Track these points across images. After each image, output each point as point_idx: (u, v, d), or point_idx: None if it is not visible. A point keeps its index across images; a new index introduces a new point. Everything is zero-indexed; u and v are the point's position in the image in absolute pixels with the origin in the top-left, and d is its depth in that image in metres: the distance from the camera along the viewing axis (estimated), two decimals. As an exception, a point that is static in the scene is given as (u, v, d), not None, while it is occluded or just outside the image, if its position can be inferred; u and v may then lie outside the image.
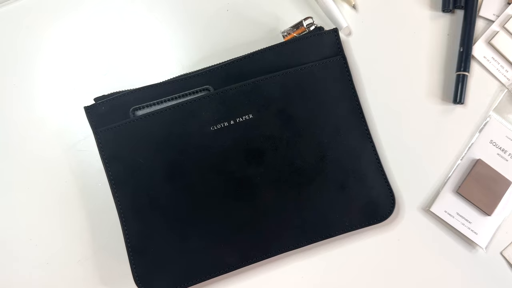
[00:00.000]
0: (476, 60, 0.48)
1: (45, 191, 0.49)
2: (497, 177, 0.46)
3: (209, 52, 0.50)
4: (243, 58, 0.46)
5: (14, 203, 0.49)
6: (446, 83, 0.48)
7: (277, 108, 0.45)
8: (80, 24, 0.51)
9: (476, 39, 0.48)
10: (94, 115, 0.46)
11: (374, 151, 0.46)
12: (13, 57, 0.51)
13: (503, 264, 0.46)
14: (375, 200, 0.45)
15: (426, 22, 0.49)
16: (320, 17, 0.50)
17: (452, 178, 0.46)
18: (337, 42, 0.46)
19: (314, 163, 0.45)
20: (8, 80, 0.51)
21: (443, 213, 0.46)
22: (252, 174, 0.45)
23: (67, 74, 0.51)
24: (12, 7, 0.52)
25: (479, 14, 0.48)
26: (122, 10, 0.51)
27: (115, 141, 0.45)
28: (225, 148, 0.45)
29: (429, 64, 0.48)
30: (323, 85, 0.45)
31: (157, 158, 0.45)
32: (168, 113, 0.45)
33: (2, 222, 0.49)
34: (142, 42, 0.51)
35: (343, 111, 0.46)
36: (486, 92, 0.48)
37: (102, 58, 0.51)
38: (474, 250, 0.46)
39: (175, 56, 0.50)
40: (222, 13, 0.50)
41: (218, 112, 0.45)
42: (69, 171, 0.49)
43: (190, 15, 0.51)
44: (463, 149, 0.47)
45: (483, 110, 0.47)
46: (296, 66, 0.45)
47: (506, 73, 0.48)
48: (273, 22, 0.50)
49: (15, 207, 0.49)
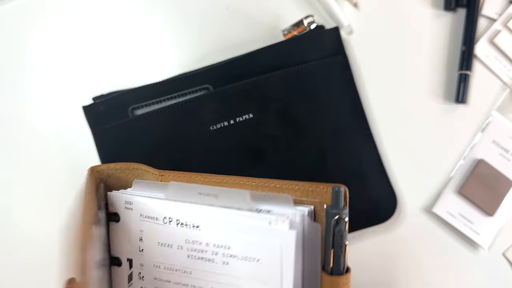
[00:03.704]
0: (478, 59, 0.48)
1: (43, 191, 0.49)
2: (499, 177, 0.45)
3: (208, 50, 0.50)
4: (243, 57, 0.45)
5: (12, 203, 0.49)
6: (448, 82, 0.48)
7: (277, 108, 0.44)
8: (78, 23, 0.51)
9: (478, 38, 0.48)
10: (93, 114, 0.46)
11: (375, 151, 0.45)
12: (11, 56, 0.51)
13: (506, 265, 0.46)
14: (377, 201, 0.45)
15: (428, 21, 0.48)
16: (321, 15, 0.49)
17: (454, 179, 0.46)
18: (338, 40, 0.46)
19: (315, 163, 0.44)
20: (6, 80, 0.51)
21: (445, 214, 0.45)
22: (251, 174, 0.44)
23: (65, 73, 0.50)
24: (12, 6, 0.51)
25: (481, 12, 0.48)
26: (122, 9, 0.51)
27: (114, 141, 0.45)
28: (224, 147, 0.44)
29: (431, 63, 0.48)
30: (324, 84, 0.45)
31: (156, 158, 0.44)
32: (167, 113, 0.44)
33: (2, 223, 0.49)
34: (141, 40, 0.50)
35: (344, 111, 0.45)
36: (488, 91, 0.47)
37: (101, 56, 0.50)
38: (476, 250, 0.46)
39: (174, 54, 0.50)
40: (222, 11, 0.50)
41: (217, 112, 0.44)
42: (67, 171, 0.49)
43: (189, 13, 0.50)
44: (465, 149, 0.47)
45: (485, 109, 0.47)
46: (296, 65, 0.45)
47: (508, 72, 0.47)
48: (273, 21, 0.49)
49: (12, 207, 0.49)
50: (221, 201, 0.37)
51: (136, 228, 0.39)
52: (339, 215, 0.34)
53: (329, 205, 0.36)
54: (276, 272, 0.35)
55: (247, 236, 0.35)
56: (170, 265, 0.38)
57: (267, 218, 0.35)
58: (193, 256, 0.37)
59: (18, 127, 0.50)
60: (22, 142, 0.50)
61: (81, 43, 0.51)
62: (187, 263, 0.38)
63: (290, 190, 0.37)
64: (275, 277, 0.35)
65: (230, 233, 0.36)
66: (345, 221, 0.35)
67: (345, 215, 0.35)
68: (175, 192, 0.38)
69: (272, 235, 0.34)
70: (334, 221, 0.35)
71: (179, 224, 0.38)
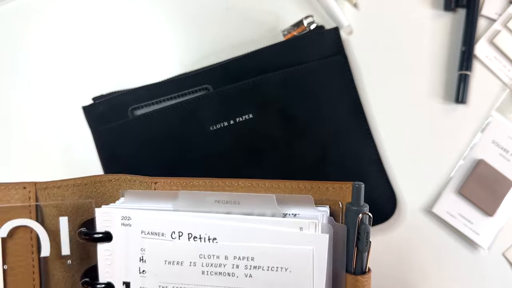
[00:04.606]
0: (478, 59, 0.48)
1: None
2: (499, 177, 0.45)
3: (208, 51, 0.50)
4: (242, 57, 0.45)
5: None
6: (448, 82, 0.47)
7: (277, 108, 0.44)
8: (78, 23, 0.51)
9: (478, 38, 0.48)
10: (93, 114, 0.46)
11: (375, 151, 0.45)
12: (11, 56, 0.51)
13: (505, 265, 0.46)
14: (376, 201, 0.45)
15: (428, 21, 0.48)
16: (320, 15, 0.49)
17: (454, 179, 0.46)
18: (338, 41, 0.46)
19: (315, 163, 0.44)
20: (6, 79, 0.51)
21: (445, 214, 0.45)
22: (251, 174, 0.44)
23: (65, 73, 0.50)
24: (11, 6, 0.51)
25: (481, 13, 0.48)
26: (122, 9, 0.51)
27: (114, 141, 0.45)
28: (224, 148, 0.44)
29: (431, 63, 0.48)
30: (323, 84, 0.45)
31: (155, 158, 0.44)
32: (167, 113, 0.44)
33: None
34: (141, 41, 0.50)
35: (344, 111, 0.45)
36: (488, 91, 0.47)
37: (101, 57, 0.50)
38: (476, 251, 0.46)
39: (174, 55, 0.50)
40: (222, 11, 0.50)
41: (217, 112, 0.44)
42: (67, 172, 0.49)
43: (189, 13, 0.50)
44: (465, 149, 0.47)
45: (485, 109, 0.47)
46: (296, 65, 0.45)
47: (508, 73, 0.47)
48: (273, 21, 0.49)
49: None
50: (244, 208, 0.34)
51: (135, 247, 0.35)
52: (363, 211, 0.34)
53: (349, 203, 0.34)
54: (307, 279, 0.33)
55: (274, 244, 0.33)
56: (181, 284, 0.35)
57: (297, 223, 0.32)
58: (209, 272, 0.34)
59: (18, 127, 0.50)
60: (22, 142, 0.50)
61: (81, 43, 0.51)
62: (202, 280, 0.34)
63: (303, 190, 0.36)
64: (306, 284, 0.33)
65: (254, 243, 0.33)
66: (370, 217, 0.34)
67: (367, 211, 0.34)
68: (187, 202, 0.34)
69: (303, 241, 0.32)
70: (359, 218, 0.33)
71: (191, 239, 0.34)
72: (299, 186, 0.36)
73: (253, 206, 0.34)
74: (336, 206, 0.35)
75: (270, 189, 0.36)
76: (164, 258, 0.35)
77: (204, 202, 0.34)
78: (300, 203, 0.34)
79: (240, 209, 0.34)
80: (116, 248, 0.36)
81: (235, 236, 0.33)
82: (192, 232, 0.34)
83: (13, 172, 0.49)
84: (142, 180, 0.38)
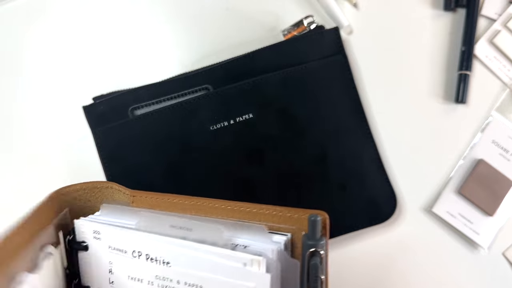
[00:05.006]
0: (478, 59, 0.48)
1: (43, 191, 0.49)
2: (499, 177, 0.45)
3: (208, 51, 0.50)
4: (242, 57, 0.45)
5: (11, 203, 0.49)
6: (448, 82, 0.48)
7: (277, 108, 0.44)
8: (78, 23, 0.51)
9: (478, 38, 0.48)
10: (93, 114, 0.46)
11: (375, 151, 0.45)
12: (11, 56, 0.51)
13: (505, 265, 0.46)
14: (376, 201, 0.45)
15: (428, 21, 0.48)
16: (320, 15, 0.49)
17: (454, 179, 0.46)
18: (338, 40, 0.46)
19: (315, 163, 0.44)
20: (6, 79, 0.51)
21: (445, 214, 0.45)
22: (251, 174, 0.44)
23: (65, 73, 0.50)
24: (11, 6, 0.51)
25: (481, 13, 0.48)
26: (122, 9, 0.51)
27: (114, 141, 0.45)
28: (224, 147, 0.44)
29: (431, 63, 0.48)
30: (323, 84, 0.45)
31: (156, 158, 0.44)
32: (167, 113, 0.44)
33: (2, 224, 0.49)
34: (141, 41, 0.50)
35: (344, 111, 0.45)
36: (488, 91, 0.47)
37: (101, 57, 0.50)
38: (476, 250, 0.46)
39: (174, 55, 0.50)
40: (222, 11, 0.50)
41: (217, 112, 0.44)
42: (67, 172, 0.49)
43: (189, 13, 0.50)
44: (465, 149, 0.47)
45: (485, 109, 0.47)
46: (296, 65, 0.45)
47: (508, 72, 0.47)
48: (273, 21, 0.49)
49: (12, 208, 0.49)
50: (197, 235, 0.34)
51: (105, 259, 0.36)
52: (315, 247, 0.31)
53: (306, 234, 0.32)
54: None
55: (220, 276, 0.32)
56: None
57: (242, 259, 0.31)
58: None
59: (18, 127, 0.50)
60: (22, 142, 0.50)
61: (81, 43, 0.51)
62: None
63: (267, 216, 0.34)
64: None
65: (202, 272, 0.33)
66: (321, 254, 0.31)
67: (322, 247, 0.31)
68: (146, 223, 0.35)
69: (246, 278, 0.31)
70: (309, 254, 0.31)
71: (148, 259, 0.34)
72: (268, 211, 0.35)
73: (204, 234, 0.34)
74: (299, 234, 0.33)
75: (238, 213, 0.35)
76: (127, 273, 0.36)
77: (161, 226, 0.35)
78: (252, 231, 0.33)
79: (194, 236, 0.34)
80: (92, 258, 0.37)
81: (186, 262, 0.33)
82: (149, 254, 0.34)
83: (13, 172, 0.49)
84: (125, 192, 0.38)
